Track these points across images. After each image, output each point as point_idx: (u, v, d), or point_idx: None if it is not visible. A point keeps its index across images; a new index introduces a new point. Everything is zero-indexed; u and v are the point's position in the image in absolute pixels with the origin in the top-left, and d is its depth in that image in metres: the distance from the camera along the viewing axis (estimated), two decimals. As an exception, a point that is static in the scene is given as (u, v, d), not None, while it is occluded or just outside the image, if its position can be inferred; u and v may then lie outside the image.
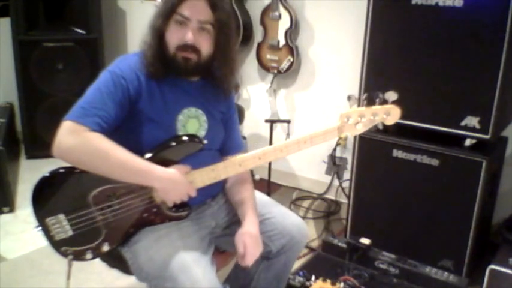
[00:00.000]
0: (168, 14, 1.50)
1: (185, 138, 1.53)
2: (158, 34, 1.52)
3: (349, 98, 1.63)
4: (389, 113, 1.57)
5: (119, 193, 1.50)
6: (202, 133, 1.63)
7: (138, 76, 1.50)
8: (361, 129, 1.59)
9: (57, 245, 1.54)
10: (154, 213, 1.53)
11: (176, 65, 1.53)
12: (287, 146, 1.56)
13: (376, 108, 1.57)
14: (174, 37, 1.51)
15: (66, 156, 1.42)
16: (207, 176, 1.53)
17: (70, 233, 1.52)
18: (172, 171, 1.48)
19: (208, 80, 1.64)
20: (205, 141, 1.55)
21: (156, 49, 1.52)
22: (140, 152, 1.49)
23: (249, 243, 1.55)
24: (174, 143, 1.52)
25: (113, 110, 1.45)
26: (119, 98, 1.46)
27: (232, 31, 1.60)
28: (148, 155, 1.50)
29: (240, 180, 1.72)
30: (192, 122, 1.60)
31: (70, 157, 1.43)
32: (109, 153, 1.41)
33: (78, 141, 1.40)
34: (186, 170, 1.50)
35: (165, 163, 1.49)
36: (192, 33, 1.49)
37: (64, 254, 1.55)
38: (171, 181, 1.47)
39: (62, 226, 1.51)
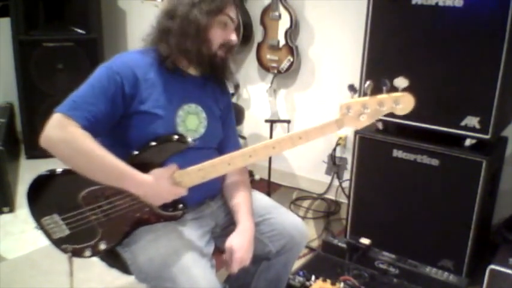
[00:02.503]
0: (215, 13, 1.54)
1: (172, 137, 1.51)
2: (201, 35, 1.54)
3: (351, 87, 1.45)
4: (399, 102, 1.37)
5: (107, 194, 1.50)
6: (201, 130, 1.63)
7: (134, 73, 1.50)
8: (365, 121, 1.41)
9: (57, 243, 1.57)
10: (148, 213, 1.53)
11: (215, 62, 1.59)
12: (279, 142, 1.44)
13: (383, 97, 1.38)
14: (219, 36, 1.57)
15: (51, 149, 1.43)
16: (195, 175, 1.49)
17: (67, 232, 1.54)
18: (149, 178, 1.45)
19: (210, 76, 1.65)
20: (189, 140, 1.52)
21: (197, 49, 1.54)
22: (139, 148, 1.50)
23: (237, 249, 1.54)
24: (154, 144, 1.50)
25: (104, 106, 1.45)
26: (111, 93, 1.46)
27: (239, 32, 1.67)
28: (135, 154, 1.49)
29: (237, 182, 1.71)
30: (192, 118, 1.60)
31: (54, 150, 1.43)
32: (90, 154, 1.41)
33: (64, 136, 1.41)
34: (172, 171, 1.48)
35: (149, 165, 1.47)
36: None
37: (64, 251, 1.57)
38: (150, 187, 1.45)
39: (58, 226, 1.53)
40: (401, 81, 1.38)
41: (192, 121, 1.60)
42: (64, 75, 3.60)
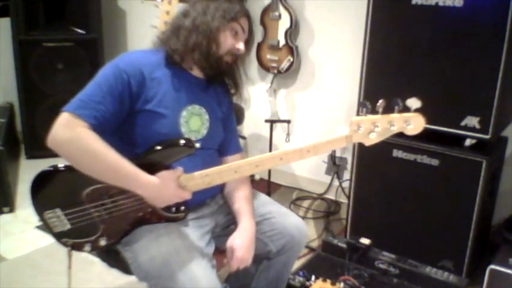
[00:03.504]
0: (229, 20, 1.58)
1: (179, 141, 1.51)
2: (211, 35, 1.57)
3: (363, 104, 1.45)
4: (409, 122, 1.40)
5: (112, 192, 1.50)
6: (203, 131, 1.64)
7: (141, 71, 1.51)
8: (375, 138, 1.43)
9: (58, 236, 1.58)
10: (150, 213, 1.53)
11: (220, 66, 1.61)
12: (287, 154, 1.46)
13: (394, 116, 1.39)
14: (229, 42, 1.60)
15: (58, 149, 1.42)
16: (200, 181, 1.49)
17: (68, 226, 1.55)
18: (155, 179, 1.45)
19: (213, 79, 1.66)
20: (197, 145, 1.52)
21: (206, 47, 1.57)
22: (140, 148, 1.51)
23: (238, 248, 1.55)
24: (164, 146, 1.50)
25: (111, 104, 1.45)
26: (118, 92, 1.46)
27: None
28: (141, 156, 1.50)
29: (238, 183, 1.71)
30: (195, 119, 1.61)
31: (61, 150, 1.43)
32: (98, 154, 1.41)
33: (71, 136, 1.40)
34: (178, 175, 1.47)
35: (156, 166, 1.47)
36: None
37: (64, 244, 1.58)
38: (156, 189, 1.45)
39: (60, 220, 1.54)
40: (413, 102, 1.38)
41: (195, 122, 1.61)
42: (64, 75, 3.60)
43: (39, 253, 2.50)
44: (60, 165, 1.51)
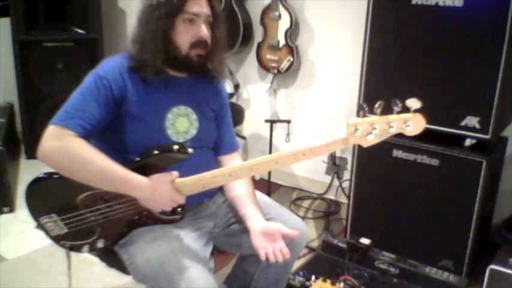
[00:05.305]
0: (174, 14, 1.50)
1: (172, 147, 1.50)
2: (166, 37, 1.51)
3: (361, 107, 1.41)
4: (409, 123, 1.34)
5: (106, 197, 1.50)
6: (193, 132, 1.62)
7: (122, 76, 1.50)
8: (373, 140, 1.38)
9: (55, 239, 1.59)
10: (146, 216, 1.53)
11: (192, 64, 1.55)
12: (282, 157, 1.41)
13: (393, 117, 1.34)
14: (187, 36, 1.52)
15: (48, 161, 1.43)
16: (194, 185, 1.47)
17: (65, 230, 1.56)
18: (148, 180, 1.44)
19: (198, 76, 1.64)
20: (190, 150, 1.49)
21: (165, 52, 1.52)
22: (130, 153, 1.50)
23: (270, 240, 1.53)
24: (157, 152, 1.49)
25: (97, 111, 1.45)
26: (102, 98, 1.46)
27: (223, 23, 1.63)
28: (134, 161, 1.49)
29: (241, 186, 1.68)
30: (182, 120, 1.59)
31: (52, 162, 1.43)
32: (88, 161, 1.40)
33: (59, 146, 1.41)
34: (172, 178, 1.46)
35: (151, 170, 1.46)
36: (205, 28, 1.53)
37: (63, 246, 1.60)
38: (150, 191, 1.44)
39: (57, 224, 1.55)
40: (413, 102, 1.33)
41: (182, 123, 1.59)
42: (64, 75, 3.60)
43: (39, 253, 2.50)
44: (52, 173, 1.51)
